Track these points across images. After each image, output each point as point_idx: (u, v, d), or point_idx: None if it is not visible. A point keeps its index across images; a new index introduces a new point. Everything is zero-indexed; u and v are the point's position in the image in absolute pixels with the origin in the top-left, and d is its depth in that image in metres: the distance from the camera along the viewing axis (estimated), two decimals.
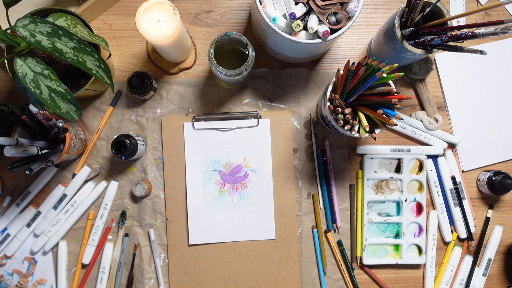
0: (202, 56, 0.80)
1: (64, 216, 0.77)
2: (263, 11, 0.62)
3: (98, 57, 0.59)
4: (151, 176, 0.78)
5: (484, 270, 0.80)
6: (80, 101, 0.78)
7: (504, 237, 0.82)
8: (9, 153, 0.62)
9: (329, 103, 0.65)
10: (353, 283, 0.79)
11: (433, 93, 0.81)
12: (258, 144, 0.78)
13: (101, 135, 0.79)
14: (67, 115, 0.60)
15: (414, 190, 0.80)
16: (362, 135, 0.62)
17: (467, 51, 0.59)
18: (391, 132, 0.81)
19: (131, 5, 0.79)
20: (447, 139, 0.80)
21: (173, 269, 0.77)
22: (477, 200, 0.82)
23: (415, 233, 0.80)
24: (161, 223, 0.78)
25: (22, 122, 0.67)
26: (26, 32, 0.54)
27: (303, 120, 0.80)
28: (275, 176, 0.79)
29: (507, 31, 0.52)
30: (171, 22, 0.63)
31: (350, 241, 0.80)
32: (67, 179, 0.78)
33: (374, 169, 0.79)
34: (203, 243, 0.78)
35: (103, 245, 0.77)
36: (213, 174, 0.78)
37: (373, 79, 0.59)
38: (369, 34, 0.81)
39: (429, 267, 0.79)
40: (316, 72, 0.80)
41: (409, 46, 0.64)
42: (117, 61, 0.79)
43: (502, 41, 0.82)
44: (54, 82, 0.57)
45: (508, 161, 0.82)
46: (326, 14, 0.63)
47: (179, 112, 0.79)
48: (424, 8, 0.63)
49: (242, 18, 0.80)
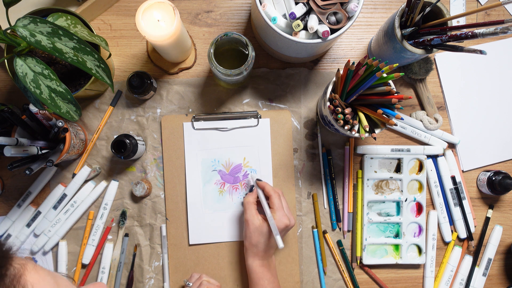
0: (202, 56, 0.80)
1: (64, 216, 0.77)
2: (263, 11, 0.62)
3: (98, 57, 0.59)
4: (151, 176, 0.78)
5: (484, 270, 0.80)
6: (80, 101, 0.78)
7: (504, 237, 0.82)
8: (9, 153, 0.62)
9: (329, 103, 0.65)
10: (353, 283, 0.79)
11: (433, 93, 0.81)
12: (258, 144, 0.78)
13: (101, 135, 0.79)
14: (67, 115, 0.60)
15: (414, 190, 0.80)
16: (362, 135, 0.62)
17: (467, 51, 0.59)
18: (391, 132, 0.81)
19: (131, 5, 0.79)
20: (447, 139, 0.80)
21: (173, 269, 0.77)
22: (477, 200, 0.82)
23: (415, 233, 0.80)
24: (161, 223, 0.78)
25: (22, 122, 0.67)
26: (26, 32, 0.54)
27: (303, 120, 0.80)
28: (275, 176, 0.79)
29: (507, 31, 0.52)
30: (171, 22, 0.63)
31: (350, 241, 0.80)
32: (67, 179, 0.78)
33: (374, 169, 0.79)
34: (203, 243, 0.78)
35: (103, 245, 0.77)
36: (213, 174, 0.78)
37: (373, 79, 0.59)
38: (369, 34, 0.81)
39: (429, 267, 0.79)
40: (316, 72, 0.80)
41: (409, 46, 0.64)
42: (117, 61, 0.79)
43: (502, 41, 0.82)
44: (54, 82, 0.57)
45: (508, 161, 0.82)
46: (326, 14, 0.63)
47: (179, 112, 0.79)
48: (424, 8, 0.63)
49: (242, 18, 0.80)
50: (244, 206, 0.71)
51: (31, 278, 0.31)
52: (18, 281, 0.30)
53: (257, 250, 0.69)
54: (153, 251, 0.78)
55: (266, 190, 0.70)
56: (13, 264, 0.31)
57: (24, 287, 0.30)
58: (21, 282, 0.30)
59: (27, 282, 0.30)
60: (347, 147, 0.80)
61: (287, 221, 0.67)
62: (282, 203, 0.69)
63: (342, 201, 0.80)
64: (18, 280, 0.30)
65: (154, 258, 0.78)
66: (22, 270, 0.31)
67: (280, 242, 0.62)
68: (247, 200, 0.71)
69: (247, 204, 0.70)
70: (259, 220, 0.69)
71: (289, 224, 0.68)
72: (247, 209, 0.70)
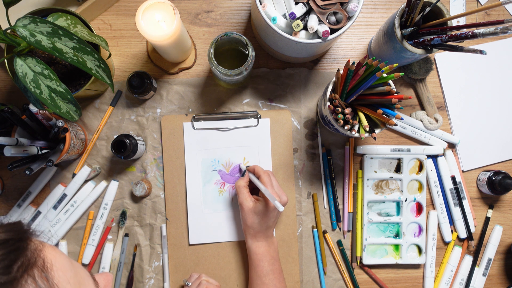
0: (202, 56, 0.80)
1: (64, 216, 0.77)
2: (263, 11, 0.62)
3: (98, 57, 0.59)
4: (151, 176, 0.78)
5: (484, 270, 0.80)
6: (80, 101, 0.78)
7: (504, 237, 0.82)
8: (9, 153, 0.62)
9: (329, 103, 0.65)
10: (353, 283, 0.79)
11: (433, 93, 0.81)
12: (258, 144, 0.78)
13: (101, 135, 0.79)
14: (67, 115, 0.60)
15: (414, 190, 0.80)
16: (362, 135, 0.62)
17: (467, 51, 0.59)
18: (391, 132, 0.81)
19: (131, 5, 0.79)
20: (447, 139, 0.80)
21: (173, 269, 0.77)
22: (477, 200, 0.82)
23: (415, 233, 0.80)
24: (161, 223, 0.78)
25: (22, 122, 0.67)
26: (26, 32, 0.54)
27: (303, 120, 0.80)
28: (275, 176, 0.79)
29: (507, 31, 0.52)
30: (171, 22, 0.63)
31: (350, 241, 0.80)
32: (67, 179, 0.78)
33: (374, 169, 0.79)
34: (203, 243, 0.78)
35: (103, 245, 0.77)
36: (213, 174, 0.78)
37: (373, 79, 0.59)
38: (369, 34, 0.81)
39: (429, 267, 0.79)
40: (316, 72, 0.80)
41: (409, 46, 0.64)
42: (117, 61, 0.79)
43: (502, 41, 0.82)
44: (54, 82, 0.57)
45: (508, 161, 0.82)
46: (326, 14, 0.63)
47: (179, 112, 0.79)
48: (424, 8, 0.63)
49: (242, 18, 0.80)
50: (236, 190, 0.73)
51: (49, 255, 0.33)
52: (38, 254, 0.32)
53: (253, 231, 0.71)
54: (153, 251, 0.78)
55: (256, 170, 0.72)
56: (33, 240, 0.33)
57: (44, 261, 0.32)
58: (41, 256, 0.32)
59: (47, 257, 0.32)
60: (347, 147, 0.80)
61: (278, 198, 0.68)
62: (272, 181, 0.70)
63: (342, 201, 0.80)
64: (39, 254, 0.32)
65: (154, 258, 0.78)
66: (41, 246, 0.33)
67: (279, 206, 0.62)
68: (238, 184, 0.72)
69: (239, 188, 0.72)
70: (252, 201, 0.70)
71: (280, 200, 0.68)
72: (239, 193, 0.72)
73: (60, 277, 0.32)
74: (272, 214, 0.69)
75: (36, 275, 0.30)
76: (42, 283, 0.30)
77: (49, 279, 0.31)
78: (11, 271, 0.28)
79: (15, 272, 0.29)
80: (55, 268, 0.32)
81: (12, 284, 0.28)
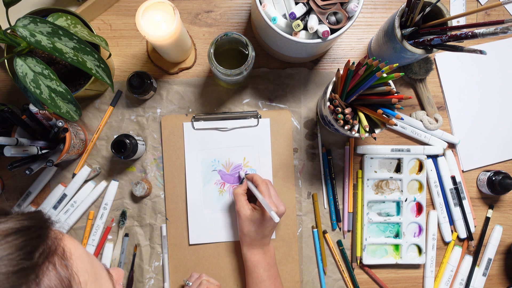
0: (202, 56, 0.80)
1: (64, 216, 0.77)
2: (263, 11, 0.62)
3: (98, 57, 0.59)
4: (151, 176, 0.78)
5: (484, 270, 0.80)
6: (80, 101, 0.78)
7: (504, 237, 0.82)
8: (9, 153, 0.62)
9: (329, 103, 0.65)
10: (353, 283, 0.79)
11: (433, 93, 0.81)
12: (258, 144, 0.78)
13: (101, 135, 0.79)
14: (67, 115, 0.60)
15: (414, 190, 0.80)
16: (362, 135, 0.62)
17: (467, 51, 0.59)
18: (391, 132, 0.81)
19: (131, 5, 0.79)
20: (447, 139, 0.80)
21: (173, 269, 0.77)
22: (477, 200, 0.82)
23: (415, 233, 0.80)
24: (161, 223, 0.78)
25: (22, 122, 0.67)
26: (26, 32, 0.54)
27: (303, 120, 0.80)
28: (275, 176, 0.79)
29: (507, 31, 0.52)
30: (171, 22, 0.63)
31: (350, 241, 0.80)
32: (67, 179, 0.78)
33: (374, 169, 0.79)
34: (203, 243, 0.78)
35: (103, 245, 0.77)
36: (213, 174, 0.78)
37: (373, 79, 0.59)
38: (369, 34, 0.81)
39: (429, 267, 0.79)
40: (316, 72, 0.80)
41: (409, 46, 0.64)
42: (117, 61, 0.79)
43: (502, 41, 0.82)
44: (54, 82, 0.57)
45: (508, 161, 0.82)
46: (326, 14, 0.63)
47: (179, 112, 0.79)
48: (424, 8, 0.63)
49: (242, 18, 0.80)
50: (234, 197, 0.72)
51: (68, 244, 0.34)
52: (58, 243, 0.33)
53: (250, 239, 0.71)
54: (153, 251, 0.78)
55: (255, 179, 0.72)
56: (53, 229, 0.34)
57: (64, 249, 0.33)
58: (61, 245, 0.33)
59: (66, 246, 0.33)
60: (347, 147, 0.80)
61: (275, 208, 0.68)
62: (270, 191, 0.70)
63: (342, 201, 0.80)
64: (59, 243, 0.33)
65: (154, 258, 0.78)
66: (61, 236, 0.34)
67: (275, 216, 0.62)
68: (236, 192, 0.72)
69: (237, 196, 0.72)
70: (249, 209, 0.70)
71: (277, 211, 0.68)
72: (237, 201, 0.72)
73: (78, 266, 0.33)
74: (269, 224, 0.69)
75: (56, 263, 0.31)
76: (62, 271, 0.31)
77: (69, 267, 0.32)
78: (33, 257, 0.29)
79: (36, 258, 0.29)
80: (74, 257, 0.33)
81: (34, 270, 0.29)
